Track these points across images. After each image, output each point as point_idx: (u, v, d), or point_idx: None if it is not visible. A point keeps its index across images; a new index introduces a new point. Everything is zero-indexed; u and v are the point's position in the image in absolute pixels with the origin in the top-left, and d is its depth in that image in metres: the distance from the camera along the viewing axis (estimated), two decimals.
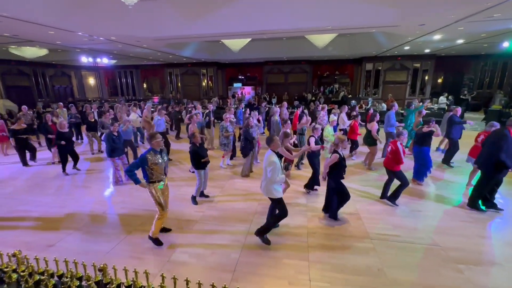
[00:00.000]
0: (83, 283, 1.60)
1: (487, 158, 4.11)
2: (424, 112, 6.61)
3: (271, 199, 3.49)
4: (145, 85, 20.68)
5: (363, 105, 11.22)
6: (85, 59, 12.77)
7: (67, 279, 1.55)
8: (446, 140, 6.86)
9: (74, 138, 9.27)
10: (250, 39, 10.86)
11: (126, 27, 8.33)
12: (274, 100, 16.40)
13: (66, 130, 6.02)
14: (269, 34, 9.35)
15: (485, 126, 5.11)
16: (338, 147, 3.89)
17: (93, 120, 7.56)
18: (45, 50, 12.17)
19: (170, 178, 5.90)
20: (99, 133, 7.91)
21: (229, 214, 4.35)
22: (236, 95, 17.92)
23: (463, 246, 3.44)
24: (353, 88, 17.71)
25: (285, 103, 9.15)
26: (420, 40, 10.29)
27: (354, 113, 7.42)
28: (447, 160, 6.53)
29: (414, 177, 5.49)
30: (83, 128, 7.78)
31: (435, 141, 7.61)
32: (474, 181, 5.24)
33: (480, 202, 4.35)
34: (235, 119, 7.72)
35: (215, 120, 9.19)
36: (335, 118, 7.00)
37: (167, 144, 7.02)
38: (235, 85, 19.66)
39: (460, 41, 10.82)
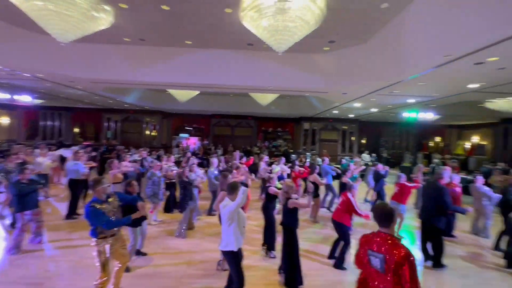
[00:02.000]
0: None
1: (432, 212, 4.30)
2: (352, 166, 7.33)
3: (225, 254, 2.98)
4: (76, 130, 18.57)
5: (303, 159, 12.01)
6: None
7: None
8: (371, 191, 7.62)
9: None
10: (198, 92, 11.21)
11: (58, 64, 7.70)
12: (219, 151, 16.35)
13: None
14: (216, 88, 9.81)
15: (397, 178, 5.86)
16: (289, 194, 3.68)
17: None
18: None
19: (77, 238, 4.81)
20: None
21: (146, 283, 3.56)
22: (180, 145, 17.36)
23: None
24: (294, 143, 19.19)
25: (236, 152, 9.09)
26: (345, 106, 12.13)
27: (295, 165, 7.80)
28: None
29: None
30: None
31: (362, 193, 8.36)
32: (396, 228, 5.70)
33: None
34: (174, 169, 7.13)
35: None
36: (279, 168, 7.15)
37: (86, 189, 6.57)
38: (181, 135, 19.28)
39: (374, 110, 13.16)
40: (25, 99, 11.94)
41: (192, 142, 18.85)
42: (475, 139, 17.27)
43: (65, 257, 4.14)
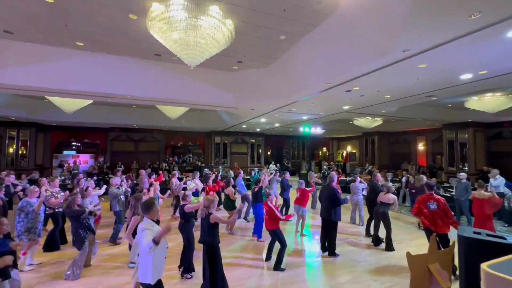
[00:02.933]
0: None
1: (330, 210, 5.15)
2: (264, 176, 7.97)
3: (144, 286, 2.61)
4: None
5: (215, 172, 12.08)
6: None
7: None
8: (275, 198, 8.54)
9: None
10: (91, 101, 9.57)
11: None
12: (120, 169, 14.30)
13: None
14: (116, 98, 8.68)
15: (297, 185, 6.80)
16: (210, 208, 3.62)
17: None
18: None
19: None
20: None
21: None
22: (66, 164, 14.18)
23: None
24: (206, 157, 19.04)
25: (142, 171, 8.22)
26: (252, 121, 13.14)
27: (211, 178, 7.80)
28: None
29: (254, 233, 6.20)
30: None
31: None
32: (299, 227, 6.52)
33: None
34: (60, 194, 5.70)
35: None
36: (193, 184, 6.92)
37: None
38: (66, 152, 15.74)
39: (277, 124, 14.84)
40: None
41: (83, 161, 15.75)
42: (349, 148, 22.11)
43: None
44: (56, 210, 5.38)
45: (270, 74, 7.70)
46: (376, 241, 5.79)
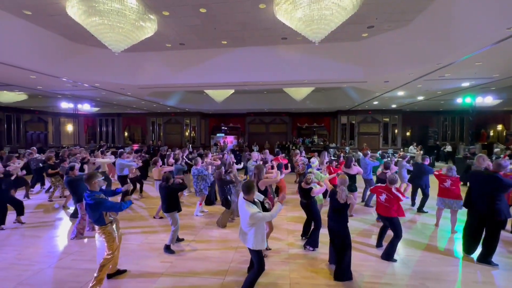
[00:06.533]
0: None
1: (491, 204, 3.84)
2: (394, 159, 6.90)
3: (249, 248, 3.03)
4: (126, 133, 20.49)
5: (341, 154, 11.59)
6: (65, 105, 12.65)
7: None
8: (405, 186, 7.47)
9: (38, 186, 8.72)
10: (233, 91, 11.52)
11: (111, 74, 8.60)
12: (255, 148, 16.61)
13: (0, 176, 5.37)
14: (251, 86, 9.99)
15: (446, 171, 5.29)
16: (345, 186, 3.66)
17: (53, 163, 7.00)
18: (24, 95, 12.03)
19: (135, 226, 5.44)
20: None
21: (201, 265, 3.83)
22: (218, 144, 18.07)
23: None
24: (331, 138, 18.58)
25: (267, 150, 9.33)
26: (386, 96, 11.38)
27: (327, 159, 7.59)
28: (420, 208, 6.61)
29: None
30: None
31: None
32: (456, 228, 5.18)
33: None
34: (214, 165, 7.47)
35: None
36: (317, 162, 7.01)
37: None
38: (218, 134, 20.05)
39: (420, 98, 12.11)
40: (86, 107, 13.55)
41: (229, 141, 19.51)
42: None
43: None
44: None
45: (411, 34, 6.31)
46: None
